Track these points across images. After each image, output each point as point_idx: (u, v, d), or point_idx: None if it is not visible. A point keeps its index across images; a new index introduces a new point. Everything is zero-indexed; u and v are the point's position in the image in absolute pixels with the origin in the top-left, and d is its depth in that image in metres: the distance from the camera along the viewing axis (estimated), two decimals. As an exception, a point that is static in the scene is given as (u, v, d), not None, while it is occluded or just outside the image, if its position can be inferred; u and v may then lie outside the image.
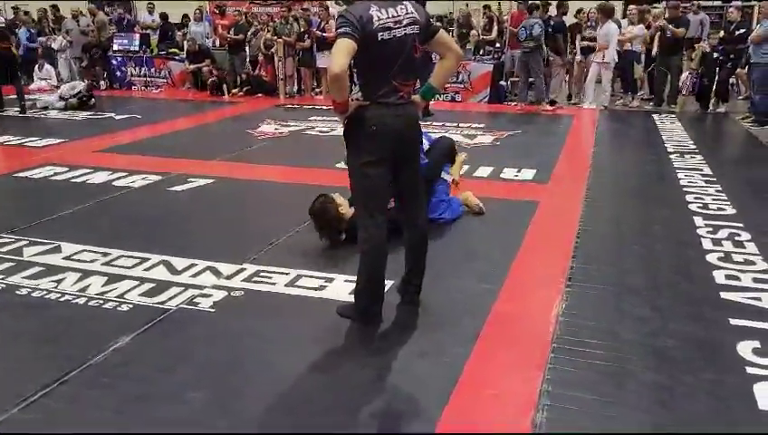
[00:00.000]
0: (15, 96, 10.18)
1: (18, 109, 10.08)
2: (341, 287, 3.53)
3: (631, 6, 10.88)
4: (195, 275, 3.70)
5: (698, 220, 4.66)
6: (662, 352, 2.89)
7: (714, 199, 5.18)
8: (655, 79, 10.54)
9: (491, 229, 4.58)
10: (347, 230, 4.04)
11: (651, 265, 3.90)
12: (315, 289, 3.53)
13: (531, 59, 10.01)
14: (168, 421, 2.40)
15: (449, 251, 4.15)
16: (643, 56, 10.90)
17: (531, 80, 10.27)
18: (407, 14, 2.85)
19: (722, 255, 3.99)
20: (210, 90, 12.16)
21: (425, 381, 2.66)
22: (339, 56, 2.69)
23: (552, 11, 10.97)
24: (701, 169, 6.23)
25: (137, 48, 13.40)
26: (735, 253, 4.02)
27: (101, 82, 13.11)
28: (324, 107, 10.50)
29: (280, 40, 11.45)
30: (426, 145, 4.48)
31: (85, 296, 3.45)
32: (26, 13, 15.26)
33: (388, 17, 2.80)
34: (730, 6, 11.14)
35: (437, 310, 3.30)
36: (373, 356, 2.86)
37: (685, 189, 5.52)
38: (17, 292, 3.52)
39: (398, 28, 2.82)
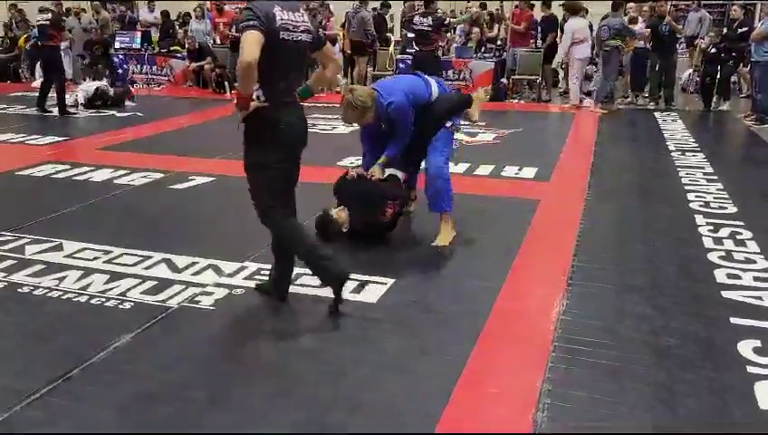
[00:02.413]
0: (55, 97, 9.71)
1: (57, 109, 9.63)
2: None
3: (630, 4, 10.80)
4: (196, 274, 3.71)
5: (699, 218, 4.66)
6: (663, 350, 2.89)
7: (715, 198, 5.18)
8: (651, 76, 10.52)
9: (492, 227, 4.58)
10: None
11: (652, 263, 3.90)
12: (316, 287, 3.52)
13: (608, 59, 9.63)
14: (169, 420, 2.41)
15: (450, 248, 4.15)
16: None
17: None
18: (303, 21, 3.03)
19: (723, 253, 3.99)
20: (213, 86, 12.15)
21: (425, 380, 2.66)
22: (250, 46, 2.79)
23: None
24: (702, 168, 6.23)
25: (138, 46, 13.40)
26: (736, 251, 4.02)
27: (104, 80, 13.10)
28: (326, 104, 10.50)
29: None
30: (436, 91, 4.27)
31: (87, 294, 3.46)
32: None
33: (289, 19, 2.96)
34: (733, 4, 11.12)
35: (438, 308, 3.31)
36: (374, 354, 2.86)
37: (686, 187, 5.52)
38: (19, 290, 3.53)
39: (296, 32, 2.99)
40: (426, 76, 4.43)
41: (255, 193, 3.20)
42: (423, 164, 4.37)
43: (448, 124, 4.28)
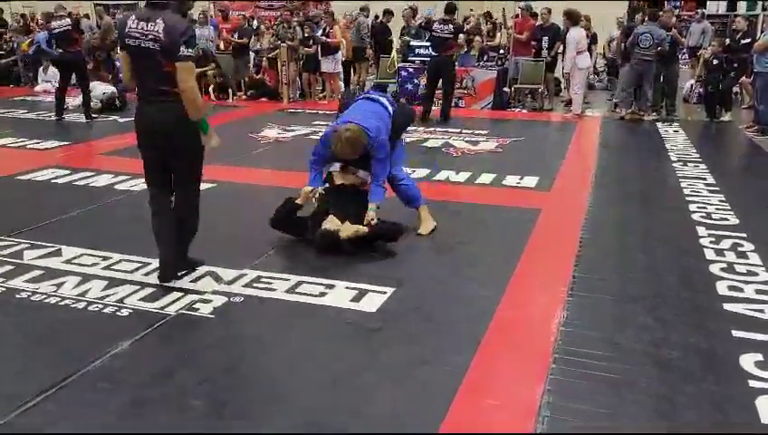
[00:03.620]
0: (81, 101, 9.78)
1: (83, 115, 9.64)
2: (343, 294, 3.52)
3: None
4: (195, 281, 3.69)
5: (701, 230, 4.64)
6: (664, 362, 2.87)
7: (717, 209, 5.16)
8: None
9: (493, 237, 4.57)
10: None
11: (653, 274, 3.88)
12: (316, 296, 3.51)
13: (649, 69, 9.59)
14: (167, 428, 2.39)
15: (451, 257, 4.14)
16: None
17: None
18: (154, 30, 3.35)
19: (725, 265, 3.97)
20: (215, 92, 12.16)
21: (425, 390, 2.64)
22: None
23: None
24: (704, 178, 6.21)
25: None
26: (738, 263, 4.00)
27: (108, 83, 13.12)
28: (328, 112, 10.51)
29: (283, 44, 11.46)
30: (391, 109, 4.47)
31: (85, 300, 3.44)
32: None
33: (137, 28, 3.37)
34: (736, 15, 11.14)
35: (438, 317, 3.29)
36: (373, 363, 2.85)
37: (688, 198, 5.50)
38: (17, 295, 3.52)
39: (142, 39, 3.36)
40: (376, 96, 4.67)
41: None
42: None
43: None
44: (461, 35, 10.06)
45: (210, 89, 12.13)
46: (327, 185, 4.40)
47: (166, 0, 3.44)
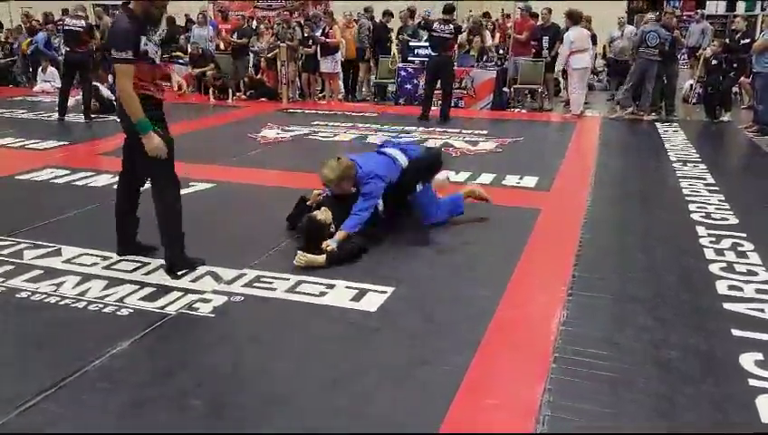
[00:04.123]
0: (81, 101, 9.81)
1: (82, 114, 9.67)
2: (343, 294, 3.52)
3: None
4: (195, 280, 3.69)
5: (701, 230, 4.64)
6: (663, 362, 2.87)
7: (717, 209, 5.16)
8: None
9: (493, 236, 4.57)
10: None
11: (653, 274, 3.88)
12: (316, 295, 3.51)
13: (653, 67, 9.65)
14: (166, 428, 2.39)
15: (450, 258, 4.14)
16: None
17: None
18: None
19: (724, 265, 3.97)
20: (214, 93, 12.16)
21: (425, 390, 2.64)
22: None
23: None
24: (704, 178, 6.22)
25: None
26: (738, 263, 4.00)
27: (105, 85, 13.12)
28: (327, 112, 10.51)
29: (283, 44, 11.46)
30: (404, 160, 4.43)
31: (85, 300, 3.44)
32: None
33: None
34: (735, 15, 11.15)
35: (439, 316, 3.29)
36: (373, 363, 2.84)
37: (687, 198, 5.51)
38: (17, 295, 3.51)
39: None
40: (391, 151, 4.57)
41: None
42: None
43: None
44: (461, 35, 10.15)
45: (210, 90, 12.15)
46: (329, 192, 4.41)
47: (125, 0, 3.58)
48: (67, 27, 9.51)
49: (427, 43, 10.59)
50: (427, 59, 10.43)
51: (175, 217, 3.77)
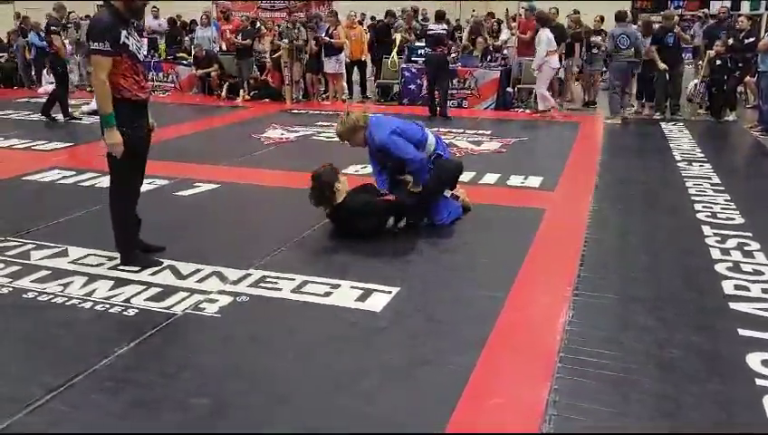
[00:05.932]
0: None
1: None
2: (348, 293, 3.52)
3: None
4: (201, 281, 3.70)
5: (706, 229, 4.63)
6: (668, 362, 2.87)
7: (722, 208, 5.15)
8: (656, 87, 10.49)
9: (497, 237, 4.57)
10: (332, 213, 4.38)
11: (658, 274, 3.88)
12: (321, 295, 3.52)
13: (635, 68, 9.83)
14: (171, 428, 2.40)
15: (455, 258, 4.14)
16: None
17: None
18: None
19: (730, 264, 3.97)
20: (223, 93, 12.19)
21: (429, 390, 2.64)
22: None
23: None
24: (709, 178, 6.20)
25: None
26: (744, 263, 4.00)
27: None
28: (331, 112, 10.52)
29: (286, 45, 11.47)
30: (433, 141, 4.68)
31: (91, 300, 3.45)
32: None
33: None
34: (739, 15, 11.12)
35: (442, 317, 3.29)
36: (377, 364, 2.85)
37: (693, 198, 5.50)
38: (24, 295, 3.53)
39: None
40: (424, 127, 4.82)
41: None
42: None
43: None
44: (462, 36, 10.29)
45: (224, 87, 12.18)
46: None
47: None
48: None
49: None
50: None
51: (116, 217, 3.87)
